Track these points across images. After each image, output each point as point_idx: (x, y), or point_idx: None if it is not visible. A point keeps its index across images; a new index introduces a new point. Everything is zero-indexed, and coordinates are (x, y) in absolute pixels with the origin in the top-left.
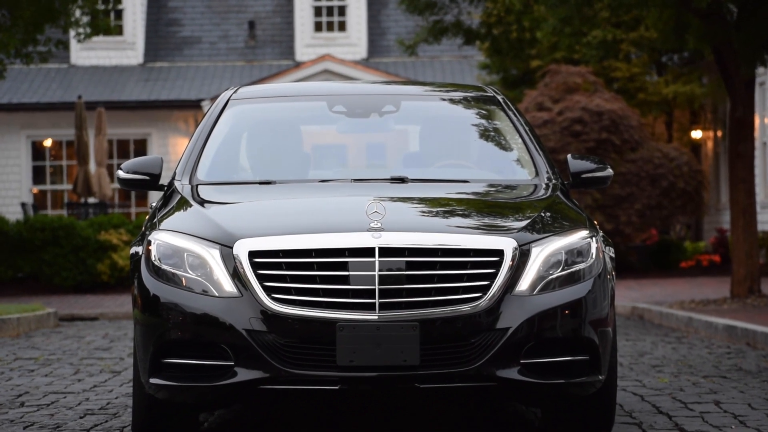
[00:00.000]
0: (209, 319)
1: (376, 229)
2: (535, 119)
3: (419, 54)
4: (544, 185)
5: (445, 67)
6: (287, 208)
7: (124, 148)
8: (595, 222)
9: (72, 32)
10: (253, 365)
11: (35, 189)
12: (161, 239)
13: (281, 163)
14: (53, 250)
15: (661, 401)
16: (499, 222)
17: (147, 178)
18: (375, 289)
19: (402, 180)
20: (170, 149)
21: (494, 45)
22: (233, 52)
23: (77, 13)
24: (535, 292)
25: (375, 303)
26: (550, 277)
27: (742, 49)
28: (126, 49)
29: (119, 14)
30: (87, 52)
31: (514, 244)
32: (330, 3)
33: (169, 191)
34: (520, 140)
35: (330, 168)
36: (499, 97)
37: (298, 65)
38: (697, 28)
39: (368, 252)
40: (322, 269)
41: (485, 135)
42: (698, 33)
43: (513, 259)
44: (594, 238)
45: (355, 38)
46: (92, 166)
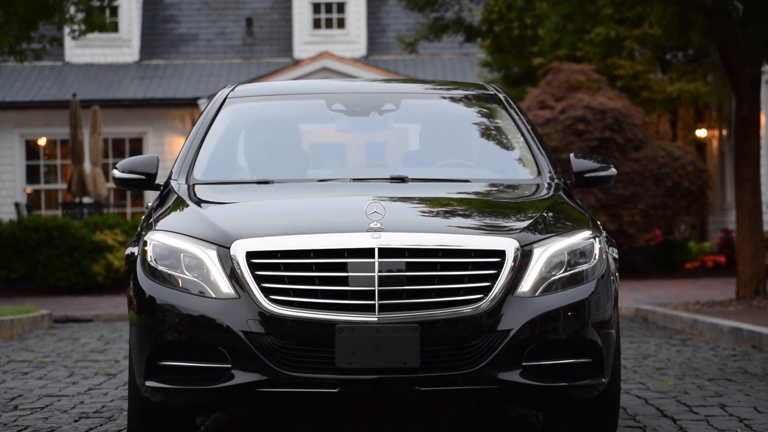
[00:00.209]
0: (206, 320)
1: (375, 230)
2: (537, 118)
3: (419, 51)
4: (546, 185)
5: (445, 65)
6: (285, 208)
7: (120, 147)
8: (599, 222)
9: (66, 29)
10: (251, 368)
11: (29, 189)
12: (157, 240)
13: (279, 162)
14: (47, 251)
15: (666, 404)
16: (501, 222)
17: (143, 177)
18: (374, 291)
19: (402, 179)
20: (166, 148)
21: (496, 42)
22: (230, 49)
23: (72, 10)
24: (537, 294)
25: (374, 304)
26: (553, 278)
27: (748, 46)
28: (121, 46)
29: (114, 11)
30: (82, 50)
31: (516, 244)
32: (329, 0)
33: (166, 191)
34: (521, 139)
35: (329, 167)
36: (501, 96)
37: (297, 63)
38: (702, 24)
39: (368, 253)
40: (320, 270)
41: (486, 134)
42: (703, 30)
43: (515, 260)
44: (597, 239)
45: (354, 35)
46: (87, 166)
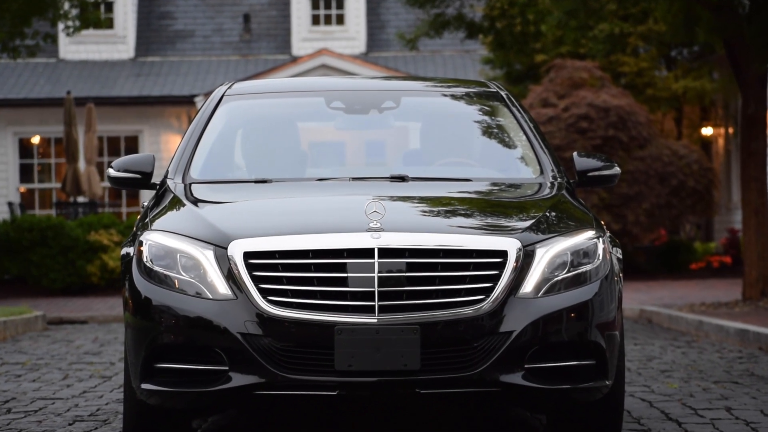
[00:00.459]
0: (203, 322)
1: (375, 230)
2: (540, 115)
3: (420, 48)
4: (549, 184)
5: (446, 62)
6: (284, 207)
7: (115, 146)
8: (602, 222)
9: (61, 25)
10: (248, 370)
11: (23, 188)
12: (153, 240)
13: (277, 161)
14: (41, 251)
15: (671, 407)
16: (503, 222)
17: (138, 176)
18: (374, 291)
19: (402, 178)
20: (162, 146)
21: (497, 39)
22: (228, 46)
23: (66, 6)
24: (539, 295)
25: (374, 306)
26: (556, 278)
27: (754, 42)
28: (117, 42)
29: (109, 7)
30: (76, 46)
31: (518, 244)
32: None
33: (162, 190)
34: (524, 137)
35: (328, 166)
36: (503, 93)
37: (295, 60)
38: (708, 20)
39: (367, 253)
40: (319, 271)
41: (488, 132)
42: (709, 26)
43: (517, 261)
44: (601, 239)
45: (353, 32)
46: (82, 164)
